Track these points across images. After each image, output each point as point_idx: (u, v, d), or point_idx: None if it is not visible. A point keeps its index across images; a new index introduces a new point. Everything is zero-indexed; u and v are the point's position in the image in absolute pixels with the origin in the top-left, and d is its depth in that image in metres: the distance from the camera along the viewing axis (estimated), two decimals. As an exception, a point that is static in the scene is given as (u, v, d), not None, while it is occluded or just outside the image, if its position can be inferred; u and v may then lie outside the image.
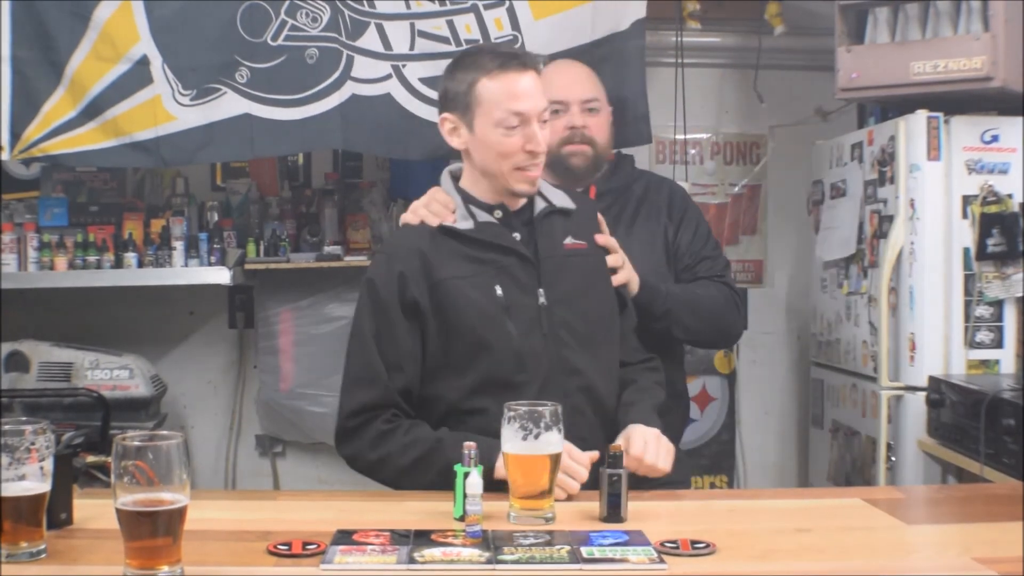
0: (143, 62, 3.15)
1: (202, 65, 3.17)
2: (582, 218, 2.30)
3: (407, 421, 2.11)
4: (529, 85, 2.12)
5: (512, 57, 2.13)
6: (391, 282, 2.12)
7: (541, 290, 2.15)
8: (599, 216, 2.41)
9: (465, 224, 2.17)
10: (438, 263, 2.13)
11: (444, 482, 1.85)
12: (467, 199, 2.20)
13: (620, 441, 2.05)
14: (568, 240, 2.23)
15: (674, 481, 2.20)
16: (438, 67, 3.19)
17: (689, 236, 2.71)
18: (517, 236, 2.18)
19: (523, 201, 2.22)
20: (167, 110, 3.17)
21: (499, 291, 2.13)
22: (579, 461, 1.98)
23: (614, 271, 2.37)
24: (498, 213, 2.19)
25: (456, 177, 2.26)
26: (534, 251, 2.18)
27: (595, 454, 1.99)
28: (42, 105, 3.16)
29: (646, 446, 2.04)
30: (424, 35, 3.21)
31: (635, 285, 2.45)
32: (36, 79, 3.16)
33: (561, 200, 2.26)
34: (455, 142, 2.20)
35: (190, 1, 3.16)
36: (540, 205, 2.22)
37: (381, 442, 2.08)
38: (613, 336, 2.27)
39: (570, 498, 1.92)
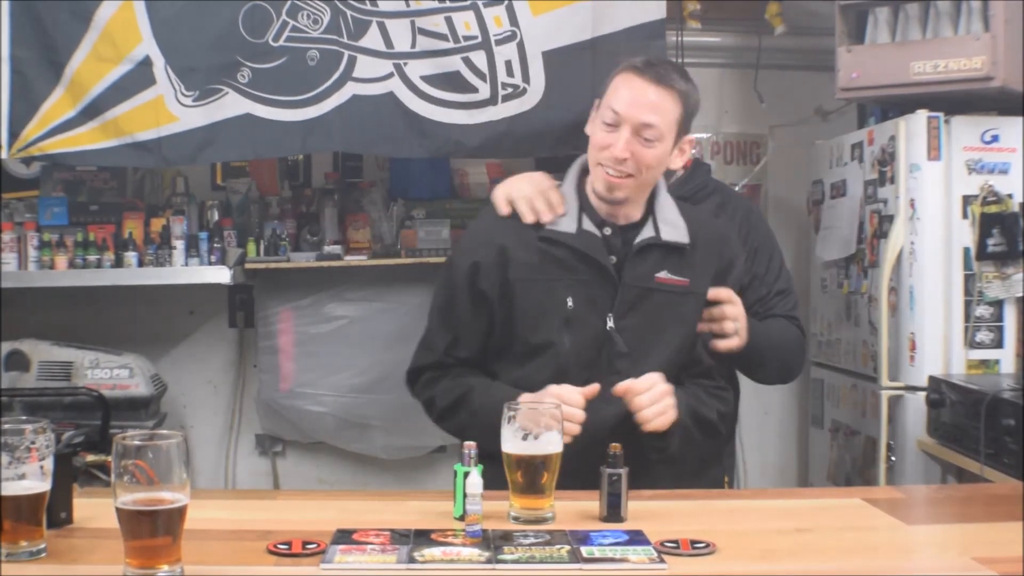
0: (145, 63, 3.16)
1: (204, 66, 3.17)
2: (698, 255, 2.21)
3: (459, 370, 2.22)
4: (642, 94, 2.10)
5: (649, 66, 2.14)
6: (464, 270, 2.20)
7: (611, 315, 2.14)
8: (734, 258, 2.30)
9: (568, 227, 2.17)
10: (517, 259, 2.16)
11: (475, 427, 2.00)
12: (584, 203, 2.20)
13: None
14: (663, 274, 2.17)
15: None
16: (439, 65, 3.21)
17: (763, 267, 2.51)
18: (613, 259, 2.16)
19: (631, 216, 2.19)
20: (169, 111, 3.17)
21: (570, 303, 2.14)
22: (574, 403, 2.00)
23: (721, 334, 2.24)
24: (607, 230, 2.18)
25: (587, 172, 2.23)
26: (619, 276, 2.15)
27: (592, 388, 2.02)
28: (41, 104, 3.16)
29: (651, 388, 2.04)
30: (424, 32, 3.21)
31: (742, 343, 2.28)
32: (35, 79, 3.16)
33: (672, 234, 2.19)
34: (587, 128, 2.21)
35: (192, 2, 3.16)
36: (646, 234, 2.18)
37: (430, 385, 2.25)
38: (677, 379, 2.18)
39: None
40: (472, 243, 2.26)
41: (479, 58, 3.21)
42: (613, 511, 1.81)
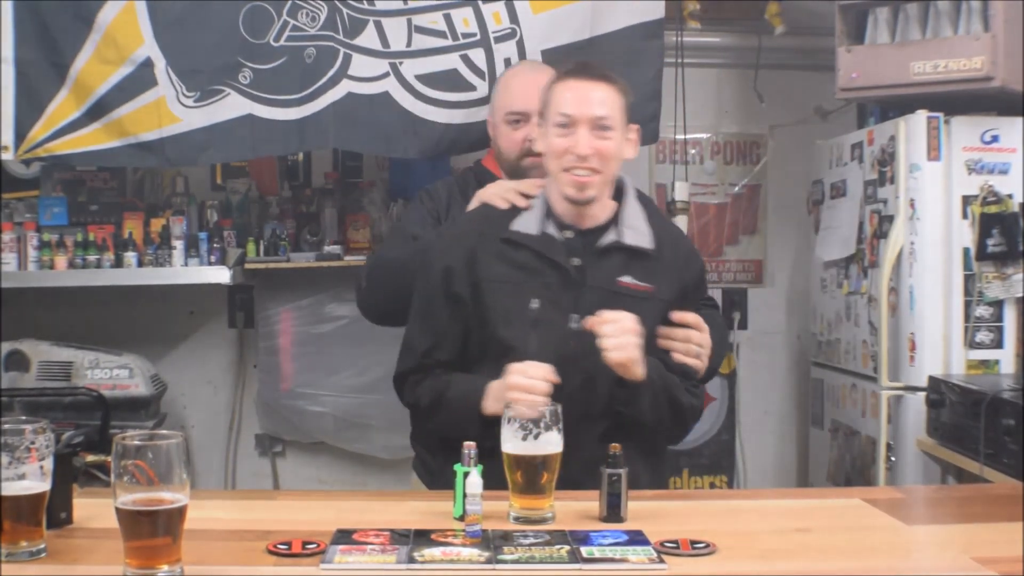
0: (147, 64, 3.16)
1: (206, 67, 3.17)
2: (663, 263, 2.24)
3: (440, 371, 2.24)
4: (586, 93, 2.15)
5: (584, 67, 2.21)
6: (438, 273, 2.23)
7: (575, 315, 2.16)
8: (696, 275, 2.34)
9: (530, 229, 2.21)
10: (485, 262, 2.20)
11: (454, 418, 2.15)
12: (548, 211, 2.24)
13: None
14: (626, 278, 2.20)
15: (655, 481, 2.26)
16: (435, 63, 3.21)
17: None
18: (576, 261, 2.19)
19: (597, 219, 2.21)
20: (171, 111, 3.17)
21: (535, 304, 2.16)
22: (536, 375, 1.99)
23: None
24: (568, 233, 2.21)
25: None
26: (583, 278, 2.18)
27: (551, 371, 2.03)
28: (46, 106, 3.17)
29: (617, 321, 2.06)
30: (421, 31, 3.21)
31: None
32: (40, 80, 3.16)
33: (635, 239, 2.22)
34: (538, 147, 2.26)
35: (193, 2, 3.16)
36: (609, 237, 2.21)
37: (414, 388, 2.28)
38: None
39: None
40: (443, 246, 2.29)
41: (478, 56, 3.21)
42: (613, 511, 1.81)
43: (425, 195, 2.76)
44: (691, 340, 2.25)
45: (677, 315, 2.24)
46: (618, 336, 2.06)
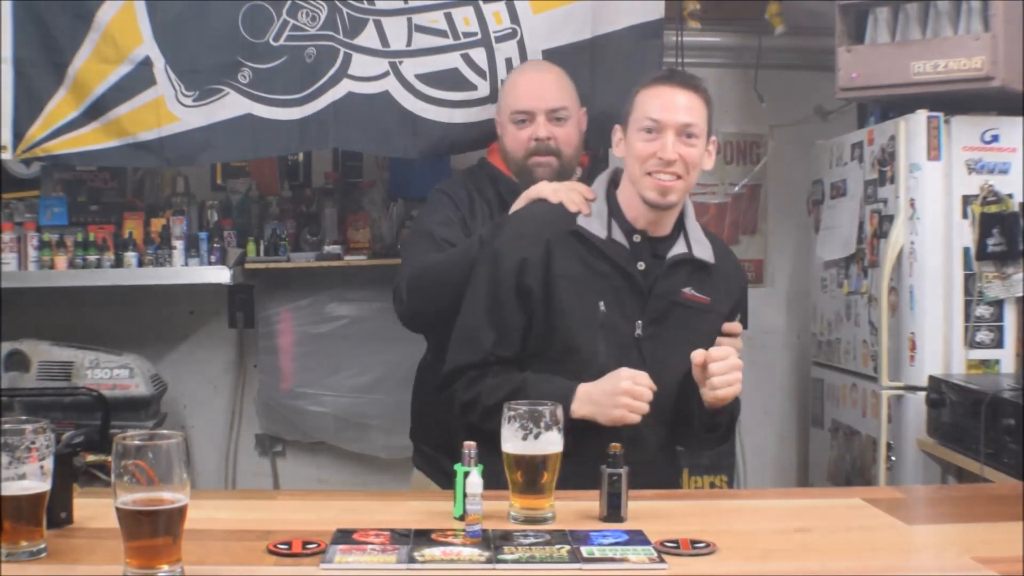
0: (146, 63, 3.15)
1: (205, 67, 3.17)
2: (719, 277, 2.29)
3: (500, 368, 2.21)
4: (674, 100, 2.17)
5: (673, 74, 2.24)
6: (512, 264, 2.21)
7: (640, 322, 2.19)
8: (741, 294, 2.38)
9: (599, 232, 2.22)
10: (560, 257, 2.20)
11: None
12: (613, 211, 2.25)
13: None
14: (688, 290, 2.24)
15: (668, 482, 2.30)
16: (435, 63, 3.21)
17: None
18: (641, 266, 2.21)
19: (664, 229, 2.24)
20: (170, 111, 3.17)
21: (602, 307, 2.18)
22: (645, 383, 2.06)
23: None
24: (637, 237, 2.23)
25: (616, 183, 2.30)
26: (649, 285, 2.20)
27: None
28: (45, 105, 3.16)
29: (726, 358, 2.10)
30: (421, 30, 3.21)
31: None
32: (38, 80, 3.16)
33: (702, 252, 2.26)
34: (618, 151, 2.27)
35: (192, 2, 3.16)
36: (679, 249, 2.24)
37: (472, 385, 2.22)
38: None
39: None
40: (518, 237, 2.26)
41: (479, 55, 3.21)
42: (613, 511, 1.81)
43: (443, 196, 2.72)
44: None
45: (727, 326, 2.31)
46: (727, 374, 2.10)
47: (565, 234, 2.22)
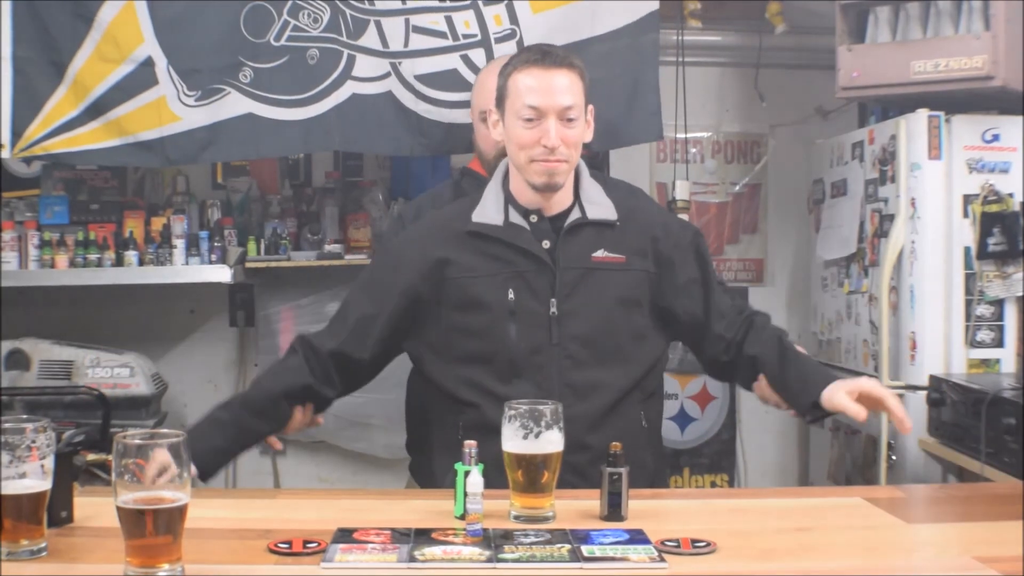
0: (147, 63, 3.16)
1: (206, 66, 3.17)
2: (630, 232, 2.23)
3: (313, 354, 2.22)
4: (552, 83, 2.13)
5: (545, 54, 2.16)
6: (399, 288, 2.20)
7: (554, 300, 2.16)
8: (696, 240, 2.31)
9: (496, 220, 2.20)
10: (456, 258, 2.18)
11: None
12: (509, 198, 2.23)
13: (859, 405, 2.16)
14: (600, 252, 2.20)
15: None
16: (435, 63, 3.21)
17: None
18: (546, 244, 2.19)
19: (562, 204, 2.21)
20: (172, 111, 3.17)
21: (511, 295, 2.15)
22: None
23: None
24: (533, 218, 2.21)
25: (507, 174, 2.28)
26: (554, 259, 2.18)
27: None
28: (44, 104, 3.16)
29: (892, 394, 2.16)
30: (419, 31, 3.21)
31: None
32: (38, 79, 3.16)
33: (599, 212, 2.22)
34: (496, 135, 2.24)
35: (193, 2, 3.16)
36: (574, 215, 2.21)
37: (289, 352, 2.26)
38: (639, 355, 2.22)
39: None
40: (413, 241, 2.27)
41: (478, 56, 3.22)
42: (614, 510, 1.81)
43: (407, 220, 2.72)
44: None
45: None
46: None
47: (463, 235, 2.20)
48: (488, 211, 2.22)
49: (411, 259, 2.22)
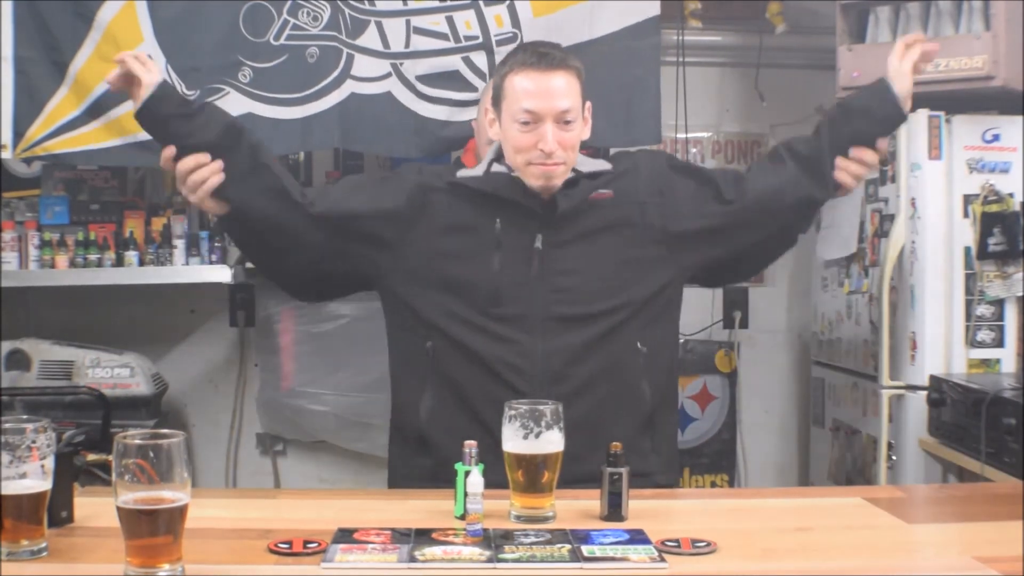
0: None
1: (205, 66, 3.18)
2: (618, 169, 2.26)
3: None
4: (549, 86, 2.12)
5: (542, 56, 2.15)
6: (385, 187, 2.26)
7: (540, 235, 2.16)
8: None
9: (478, 171, 2.22)
10: (442, 194, 2.21)
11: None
12: (499, 156, 2.23)
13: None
14: (595, 192, 2.21)
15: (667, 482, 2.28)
16: (436, 64, 3.22)
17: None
18: (536, 200, 2.19)
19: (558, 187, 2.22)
20: None
21: (498, 224, 2.17)
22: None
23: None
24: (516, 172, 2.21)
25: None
26: (540, 204, 2.18)
27: None
28: (45, 104, 3.17)
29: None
30: (421, 32, 3.21)
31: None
32: (39, 79, 3.16)
33: (591, 165, 2.24)
34: (492, 134, 2.24)
35: (193, 1, 3.17)
36: (568, 175, 2.21)
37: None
38: (636, 282, 2.22)
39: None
40: (391, 181, 2.30)
41: (479, 58, 3.22)
42: (614, 510, 1.81)
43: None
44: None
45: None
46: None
47: (443, 186, 2.22)
48: (470, 171, 2.25)
49: (397, 183, 2.24)
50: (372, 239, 2.23)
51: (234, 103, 3.18)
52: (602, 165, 2.26)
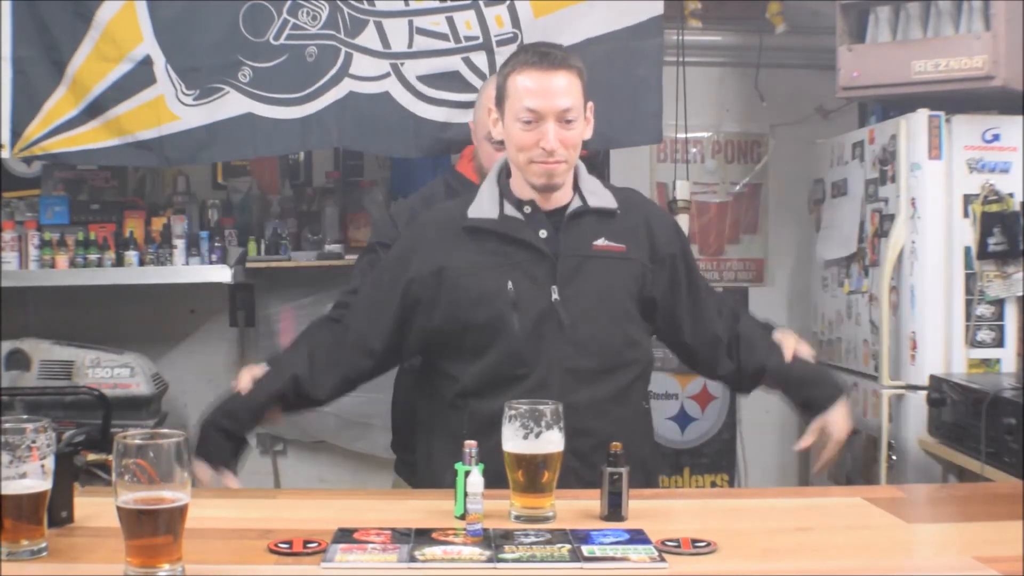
0: (146, 62, 3.16)
1: (205, 65, 3.18)
2: (630, 224, 2.26)
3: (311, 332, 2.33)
4: (550, 85, 2.13)
5: (543, 56, 2.16)
6: (400, 286, 2.22)
7: (555, 287, 2.16)
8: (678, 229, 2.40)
9: (491, 214, 2.21)
10: (453, 259, 2.19)
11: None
12: (505, 192, 2.24)
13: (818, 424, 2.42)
14: (600, 241, 2.22)
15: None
16: (436, 65, 3.21)
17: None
18: (543, 234, 2.19)
19: (560, 201, 2.22)
20: (170, 110, 3.17)
21: (510, 285, 2.16)
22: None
23: None
24: (527, 209, 2.21)
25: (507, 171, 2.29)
26: (555, 249, 2.19)
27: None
28: (43, 104, 3.17)
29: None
30: (422, 32, 3.21)
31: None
32: (37, 78, 3.16)
33: (599, 201, 2.24)
34: (496, 133, 2.26)
35: (193, 1, 3.17)
36: (575, 205, 2.22)
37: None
38: (642, 342, 2.27)
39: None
40: (404, 257, 2.28)
41: (480, 58, 3.22)
42: (614, 510, 1.81)
43: (393, 227, 2.73)
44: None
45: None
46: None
47: (459, 232, 2.21)
48: (483, 206, 2.23)
49: (411, 268, 2.23)
50: (413, 307, 2.24)
51: (234, 103, 3.18)
52: (609, 202, 2.26)
